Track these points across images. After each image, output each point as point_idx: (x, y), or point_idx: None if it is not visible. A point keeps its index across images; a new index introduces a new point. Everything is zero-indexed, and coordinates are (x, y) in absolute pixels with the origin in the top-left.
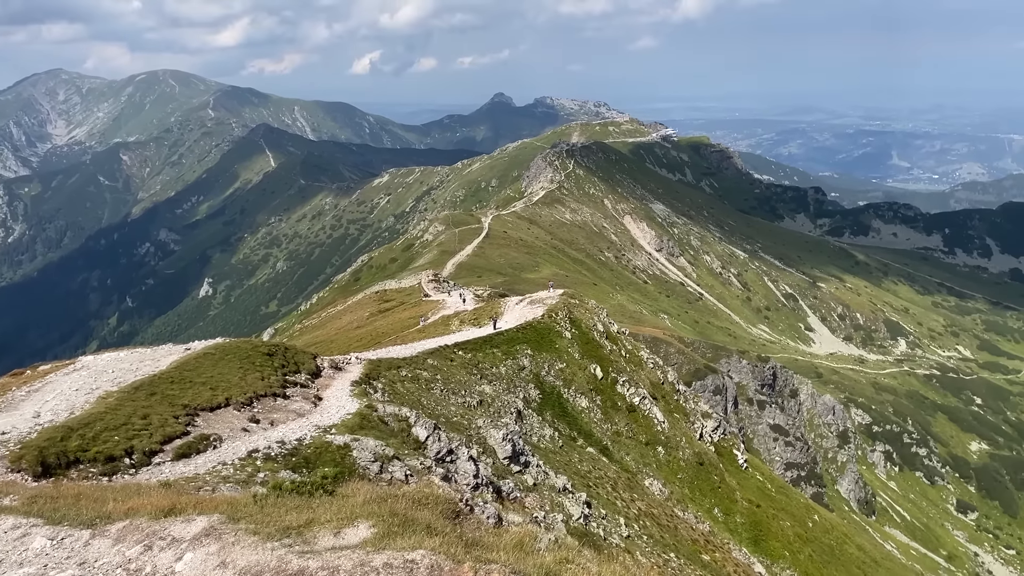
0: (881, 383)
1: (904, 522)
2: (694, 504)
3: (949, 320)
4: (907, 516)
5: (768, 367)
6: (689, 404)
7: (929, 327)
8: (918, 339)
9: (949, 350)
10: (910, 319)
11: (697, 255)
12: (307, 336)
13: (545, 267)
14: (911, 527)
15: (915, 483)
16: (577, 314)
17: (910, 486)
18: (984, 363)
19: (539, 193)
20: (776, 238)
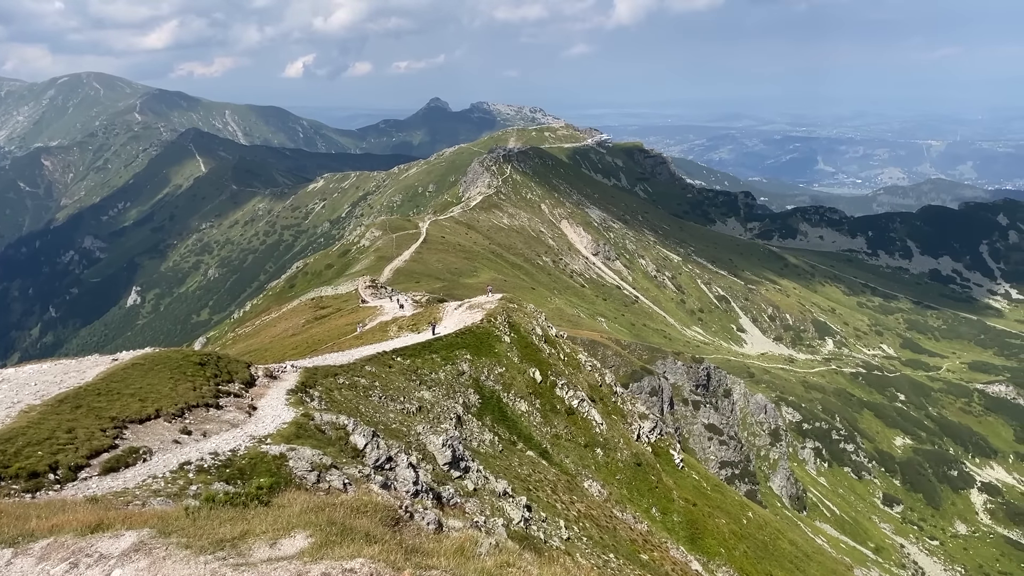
0: (810, 382)
1: (834, 516)
2: (632, 504)
3: (873, 320)
4: (836, 510)
5: (702, 368)
6: (626, 405)
7: (855, 327)
8: (845, 338)
9: (874, 349)
10: (837, 319)
11: (633, 259)
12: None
13: (484, 272)
14: (840, 521)
15: (844, 478)
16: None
17: (839, 481)
18: (907, 361)
19: (477, 198)
20: (708, 241)
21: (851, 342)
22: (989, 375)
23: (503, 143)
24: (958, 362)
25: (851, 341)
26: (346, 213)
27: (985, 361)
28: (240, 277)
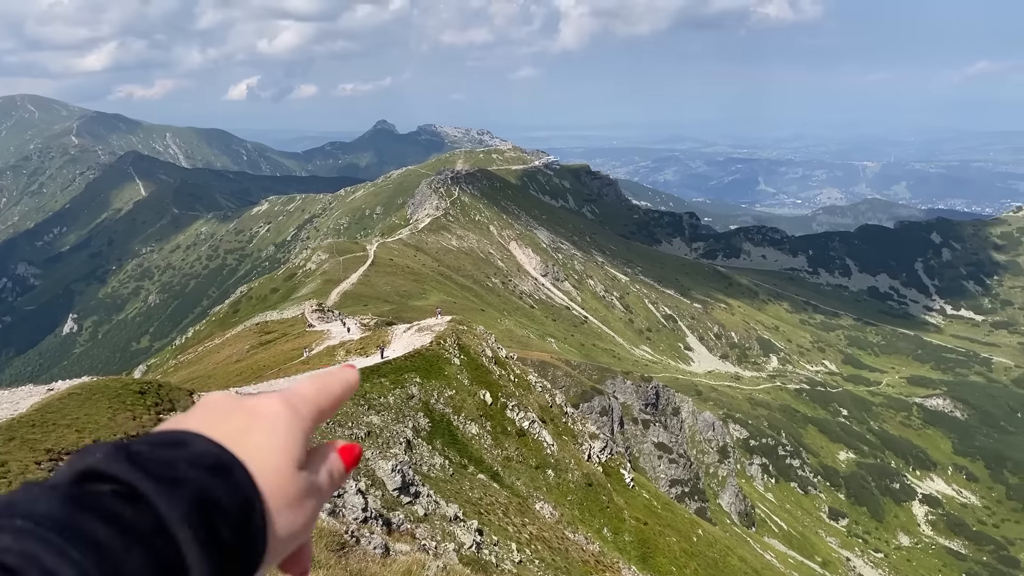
0: (756, 398)
1: (782, 531)
2: (584, 525)
3: (816, 336)
4: (784, 526)
5: (651, 386)
6: (577, 426)
7: (798, 343)
8: (788, 355)
9: (817, 365)
10: (780, 336)
11: (581, 279)
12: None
13: (433, 294)
14: (788, 536)
15: (790, 493)
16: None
17: (786, 496)
18: (848, 376)
19: (425, 220)
20: (655, 261)
21: (795, 359)
22: (927, 389)
23: (451, 165)
24: (897, 377)
25: (795, 358)
26: (292, 236)
27: (923, 375)
28: (182, 303)
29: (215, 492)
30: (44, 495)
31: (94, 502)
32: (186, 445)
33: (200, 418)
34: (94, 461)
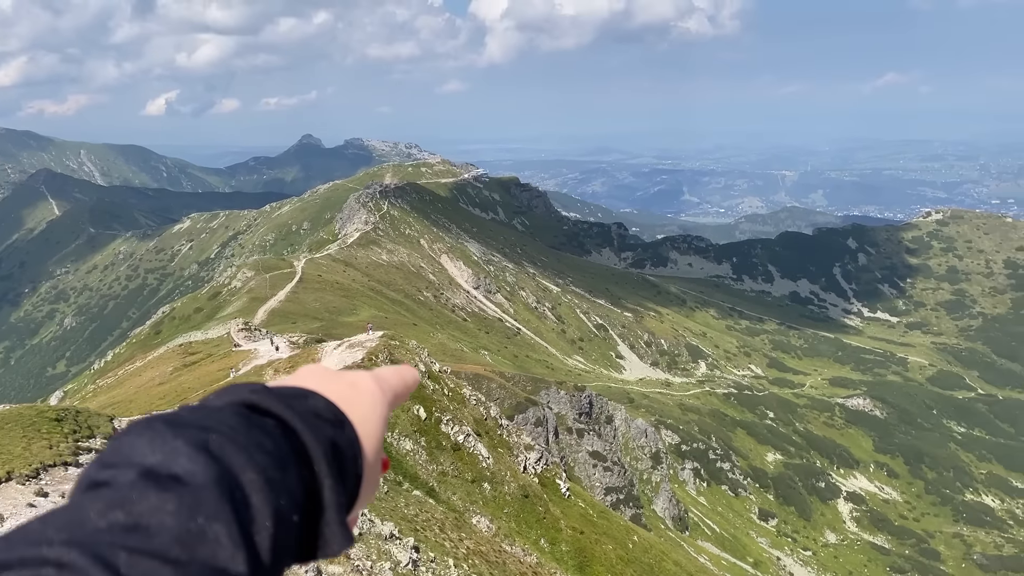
0: (686, 404)
1: (714, 534)
2: (521, 537)
3: (742, 341)
4: (716, 528)
5: (585, 396)
6: (512, 438)
7: (725, 349)
8: (716, 360)
9: (743, 369)
10: (708, 342)
11: (513, 291)
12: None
13: (363, 310)
14: (720, 538)
15: (721, 496)
16: (398, 355)
17: (717, 499)
18: (774, 379)
19: (354, 235)
20: (585, 272)
21: (722, 364)
22: (848, 389)
23: (379, 179)
24: (819, 378)
25: (722, 363)
26: (215, 254)
27: (844, 376)
28: (100, 325)
29: (339, 440)
30: (227, 413)
31: (261, 425)
32: (308, 398)
33: (311, 380)
34: (251, 396)
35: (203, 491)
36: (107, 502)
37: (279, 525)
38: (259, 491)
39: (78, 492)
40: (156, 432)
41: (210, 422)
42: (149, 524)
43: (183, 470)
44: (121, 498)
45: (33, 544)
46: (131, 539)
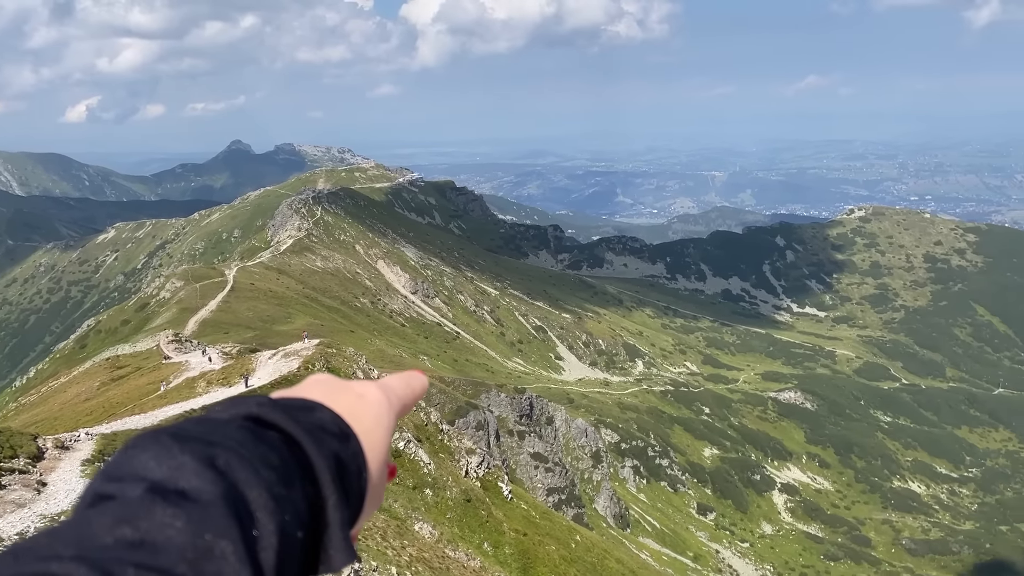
0: (625, 402)
1: (655, 530)
2: (464, 542)
3: (677, 339)
4: (657, 524)
5: (525, 398)
6: (453, 442)
7: (661, 347)
8: (653, 359)
9: (679, 367)
10: (645, 341)
11: (451, 295)
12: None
13: (298, 318)
14: (661, 534)
15: (661, 492)
16: (335, 363)
17: (657, 495)
18: (708, 376)
19: (287, 242)
20: (523, 274)
21: (659, 362)
22: (780, 383)
23: (312, 184)
24: (752, 373)
25: (659, 361)
26: (142, 264)
27: (775, 371)
28: (21, 341)
29: (343, 453)
30: (233, 426)
31: (267, 439)
32: (314, 411)
33: (316, 392)
34: (256, 409)
35: (210, 508)
36: (114, 517)
37: (283, 542)
38: (265, 508)
39: (83, 506)
40: (162, 446)
41: (216, 436)
42: (156, 540)
43: (190, 486)
44: (128, 513)
45: (41, 559)
46: (138, 555)
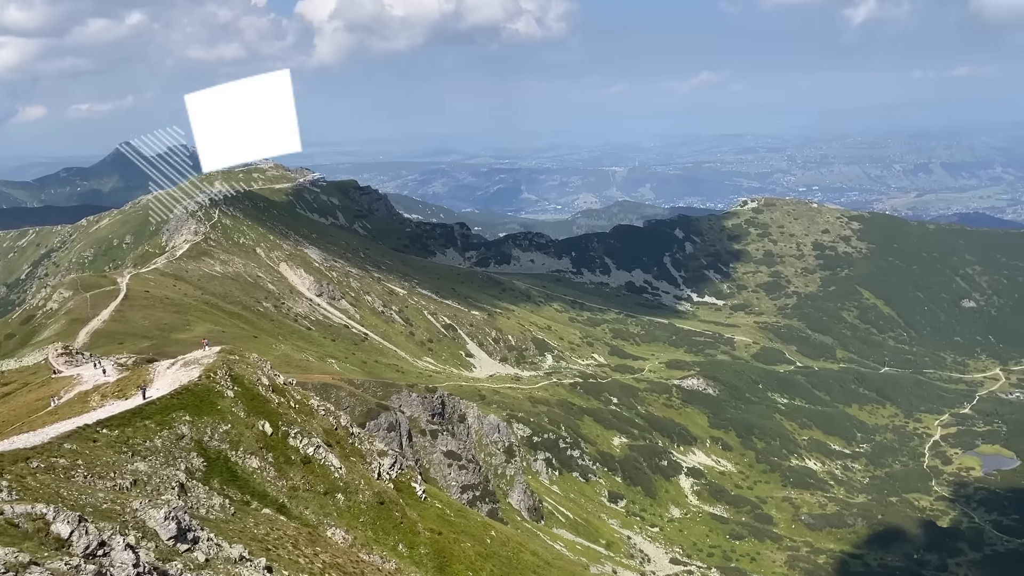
0: (536, 396)
1: (568, 521)
2: (378, 544)
3: (584, 332)
4: (570, 515)
5: (436, 397)
6: (365, 445)
7: (569, 340)
8: (562, 352)
9: (587, 359)
10: (553, 335)
11: (358, 296)
12: None
13: (198, 325)
14: (574, 524)
15: (573, 483)
16: (238, 370)
17: (569, 487)
18: (615, 367)
19: (183, 247)
20: (431, 273)
21: (568, 355)
22: (683, 371)
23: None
24: (657, 362)
25: (567, 354)
26: (26, 274)
27: (678, 359)
28: None
29: None
30: None
31: None
32: None
33: None
34: None
35: None
36: None
37: None
38: None
39: None
40: None
41: None
42: None
43: None
44: None
45: None
46: None
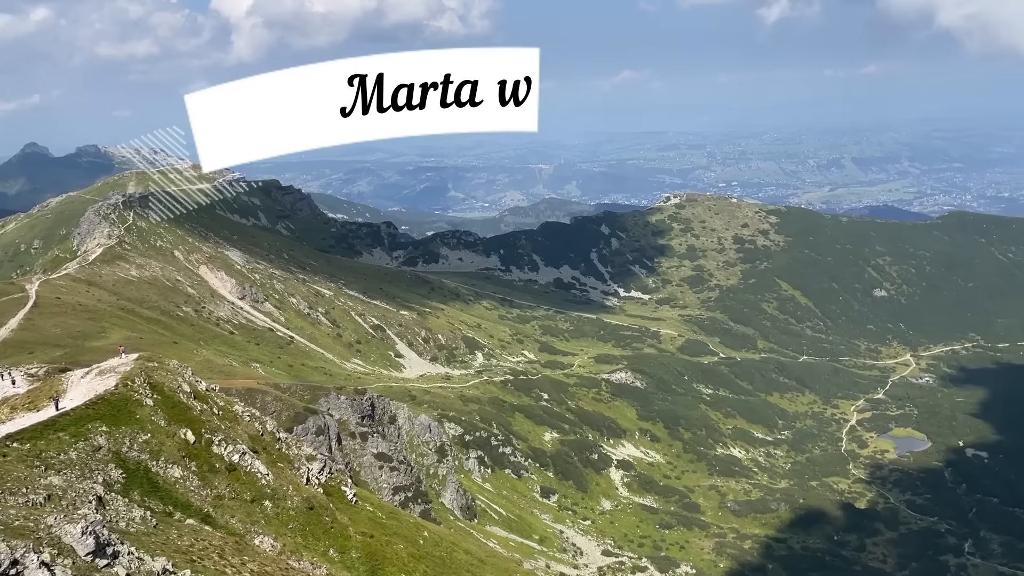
0: (467, 395)
1: (501, 518)
2: (309, 550)
3: (514, 330)
4: (503, 512)
5: (366, 399)
6: (292, 450)
7: (499, 338)
8: (492, 350)
9: (517, 356)
10: (483, 333)
11: (283, 298)
12: None
13: (114, 332)
14: (507, 521)
15: (506, 480)
16: (158, 378)
17: (502, 484)
18: (545, 363)
19: (96, 251)
20: (358, 273)
21: (498, 353)
22: (611, 365)
23: (122, 188)
24: (586, 357)
25: (498, 352)
26: None
27: (607, 353)
28: None
29: None
30: None
31: None
32: None
33: None
34: None
35: None
36: None
37: None
38: None
39: None
40: None
41: None
42: None
43: None
44: None
45: None
46: None
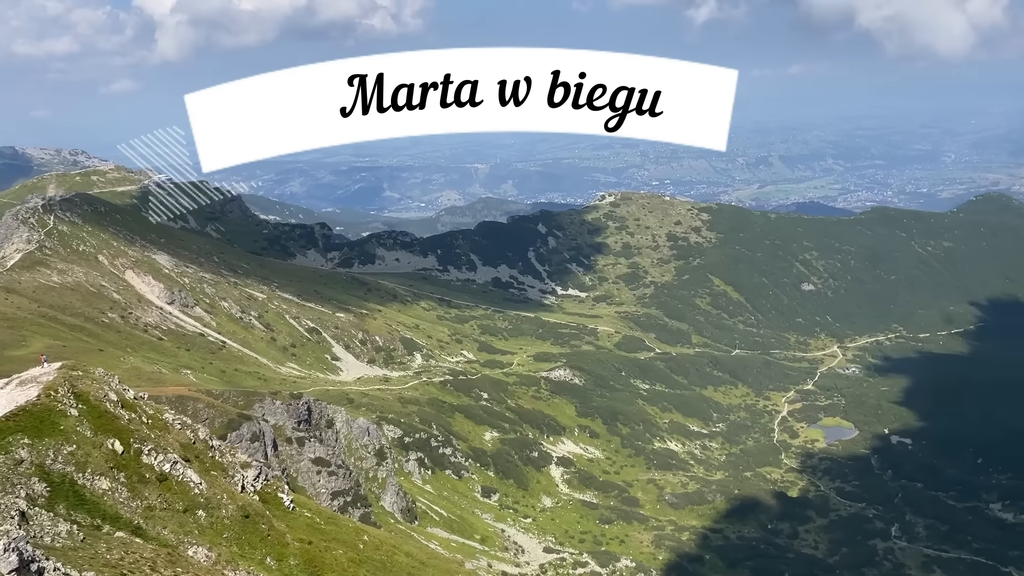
0: (406, 396)
1: (442, 519)
2: (245, 560)
3: (453, 330)
4: (444, 513)
5: (302, 403)
6: (226, 458)
7: (438, 339)
8: (431, 351)
9: (456, 356)
10: (421, 334)
11: (214, 303)
12: None
13: (35, 340)
14: (448, 522)
15: (446, 481)
16: (83, 387)
17: (443, 485)
18: (485, 362)
19: (15, 256)
20: (292, 276)
21: (437, 353)
22: (550, 363)
23: (41, 191)
24: (525, 356)
25: (437, 352)
26: None
27: (545, 351)
28: None
29: None
30: None
31: None
32: None
33: None
34: None
35: None
36: None
37: None
38: None
39: None
40: None
41: None
42: None
43: None
44: None
45: None
46: None
